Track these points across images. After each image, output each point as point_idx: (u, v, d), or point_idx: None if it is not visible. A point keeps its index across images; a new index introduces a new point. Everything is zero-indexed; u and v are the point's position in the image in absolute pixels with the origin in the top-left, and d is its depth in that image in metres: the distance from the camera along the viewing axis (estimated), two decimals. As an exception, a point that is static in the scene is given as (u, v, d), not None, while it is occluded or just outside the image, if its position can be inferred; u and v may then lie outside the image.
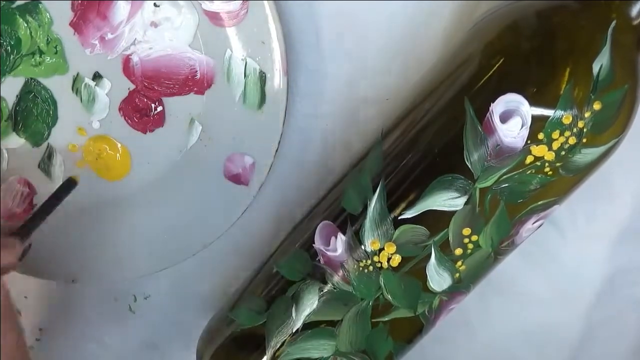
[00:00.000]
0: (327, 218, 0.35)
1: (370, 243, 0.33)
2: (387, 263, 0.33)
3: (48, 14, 0.37)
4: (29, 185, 0.40)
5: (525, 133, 0.30)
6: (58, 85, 0.38)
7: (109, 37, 0.37)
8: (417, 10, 0.37)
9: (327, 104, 0.39)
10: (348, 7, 0.37)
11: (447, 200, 0.32)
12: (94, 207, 0.40)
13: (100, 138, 0.39)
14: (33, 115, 0.38)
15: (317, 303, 0.34)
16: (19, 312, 0.44)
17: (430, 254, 0.32)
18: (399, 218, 0.32)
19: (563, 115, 0.30)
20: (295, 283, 0.35)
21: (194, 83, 0.38)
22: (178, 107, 0.38)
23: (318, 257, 0.34)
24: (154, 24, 0.37)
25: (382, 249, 0.33)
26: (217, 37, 0.37)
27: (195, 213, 0.39)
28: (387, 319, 0.34)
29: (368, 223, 0.33)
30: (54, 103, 0.38)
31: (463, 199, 0.31)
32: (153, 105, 0.38)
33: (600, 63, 0.29)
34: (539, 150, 0.30)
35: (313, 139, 0.40)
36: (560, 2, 0.31)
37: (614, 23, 0.30)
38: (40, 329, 0.44)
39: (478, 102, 0.31)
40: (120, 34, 0.37)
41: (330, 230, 0.34)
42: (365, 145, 0.36)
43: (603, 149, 0.31)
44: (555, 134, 0.30)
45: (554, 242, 0.40)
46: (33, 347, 0.45)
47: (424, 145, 0.33)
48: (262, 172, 0.38)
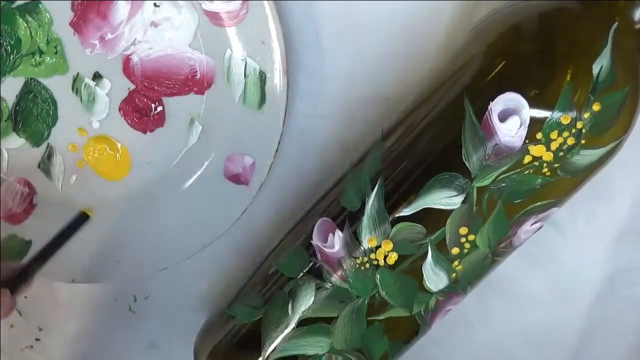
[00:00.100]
0: (326, 216, 0.35)
1: (368, 240, 0.33)
2: (383, 261, 0.33)
3: (48, 14, 0.37)
4: (29, 185, 0.40)
5: (524, 133, 0.30)
6: (58, 85, 0.38)
7: (109, 37, 0.37)
8: (417, 10, 0.37)
9: (327, 104, 0.39)
10: (348, 7, 0.37)
11: (444, 199, 0.32)
12: (94, 207, 0.40)
13: (100, 138, 0.39)
14: (33, 115, 0.38)
15: (313, 299, 0.34)
16: (19, 312, 0.44)
17: (427, 253, 0.32)
18: (397, 216, 0.32)
19: (561, 116, 0.30)
20: (293, 279, 0.35)
21: (194, 83, 0.38)
22: (178, 107, 0.38)
23: (316, 253, 0.34)
24: (154, 24, 0.37)
25: (379, 247, 0.33)
26: (217, 37, 0.37)
27: (195, 213, 0.39)
28: (382, 318, 0.34)
29: (365, 220, 0.33)
30: (54, 103, 0.38)
31: (460, 198, 0.31)
32: (153, 105, 0.38)
33: (601, 64, 0.29)
34: (537, 151, 0.30)
35: (313, 139, 0.40)
36: (563, 3, 0.31)
37: (616, 25, 0.30)
38: (40, 329, 0.44)
39: (478, 102, 0.31)
40: (120, 34, 0.37)
41: (329, 227, 0.34)
42: (365, 146, 0.36)
43: (603, 151, 0.31)
44: (554, 134, 0.30)
45: (554, 242, 0.40)
46: (33, 347, 0.45)
47: (423, 145, 0.33)
48: (262, 172, 0.38)
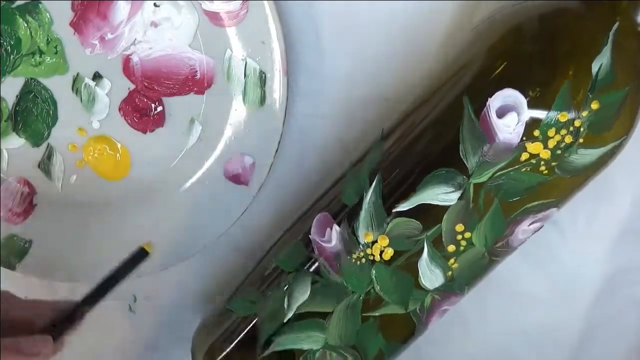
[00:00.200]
0: (326, 212, 0.35)
1: (364, 235, 0.33)
2: (379, 256, 0.33)
3: (48, 14, 0.37)
4: (29, 185, 0.40)
5: (521, 129, 0.30)
6: (58, 85, 0.38)
7: (109, 37, 0.37)
8: (417, 10, 0.37)
9: (327, 104, 0.39)
10: (348, 7, 0.37)
11: (440, 195, 0.32)
12: (94, 207, 0.40)
13: (100, 138, 0.39)
14: (33, 115, 0.38)
15: (308, 294, 0.34)
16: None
17: (423, 249, 0.32)
18: (394, 211, 0.32)
19: (559, 113, 0.30)
20: (290, 274, 0.35)
21: (194, 83, 0.38)
22: (178, 107, 0.38)
23: (313, 247, 0.34)
24: (154, 24, 0.37)
25: (375, 242, 0.33)
26: (217, 37, 0.37)
27: (195, 213, 0.39)
28: (377, 314, 0.34)
29: (363, 215, 0.33)
30: (54, 103, 0.38)
31: (457, 194, 0.31)
32: (153, 105, 0.38)
33: (600, 63, 0.29)
34: (535, 148, 0.30)
35: (313, 139, 0.40)
36: (564, 3, 0.31)
37: (617, 25, 0.30)
38: (40, 329, 0.44)
39: (478, 101, 0.31)
40: (120, 34, 0.37)
41: (327, 222, 0.34)
42: (365, 146, 0.36)
43: (602, 151, 0.31)
44: (551, 132, 0.30)
45: (554, 242, 0.40)
46: (33, 347, 0.45)
47: (422, 143, 0.33)
48: (262, 172, 0.38)
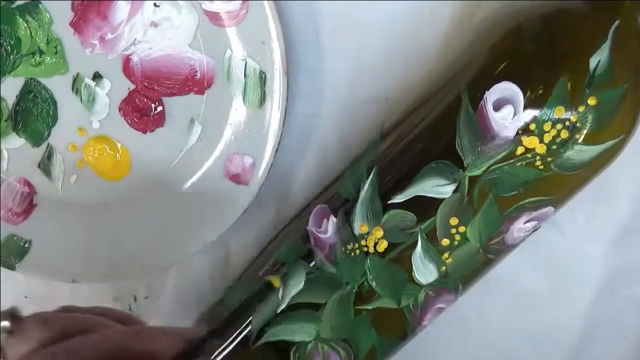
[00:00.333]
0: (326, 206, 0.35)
1: (359, 226, 0.33)
2: (373, 248, 0.33)
3: (48, 14, 0.37)
4: (29, 185, 0.40)
5: (518, 123, 0.30)
6: (58, 85, 0.38)
7: (109, 37, 0.37)
8: (417, 10, 0.37)
9: (327, 104, 0.39)
10: (348, 7, 0.37)
11: (435, 187, 0.32)
12: (94, 207, 0.40)
13: (100, 138, 0.39)
14: (33, 115, 0.38)
15: (303, 284, 0.34)
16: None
17: (417, 242, 0.32)
18: (389, 202, 0.32)
19: (556, 107, 0.30)
20: (285, 265, 0.35)
21: (194, 83, 0.38)
22: (178, 107, 0.38)
23: (310, 239, 0.34)
24: (154, 24, 0.37)
25: (369, 233, 0.33)
26: (217, 37, 0.37)
27: (195, 213, 0.39)
28: (370, 307, 0.34)
29: (359, 206, 0.33)
30: (54, 103, 0.38)
31: (452, 187, 0.31)
32: (153, 105, 0.38)
33: (598, 59, 0.29)
34: (530, 142, 0.30)
35: (313, 139, 0.40)
36: (565, 3, 0.31)
37: (617, 23, 0.30)
38: (40, 329, 0.44)
39: (477, 97, 0.31)
40: (120, 34, 0.37)
41: (324, 213, 0.34)
42: (365, 145, 0.36)
43: (599, 149, 0.31)
44: (547, 126, 0.30)
45: (554, 242, 0.40)
46: (33, 347, 0.45)
47: (421, 138, 0.33)
48: (262, 172, 0.38)
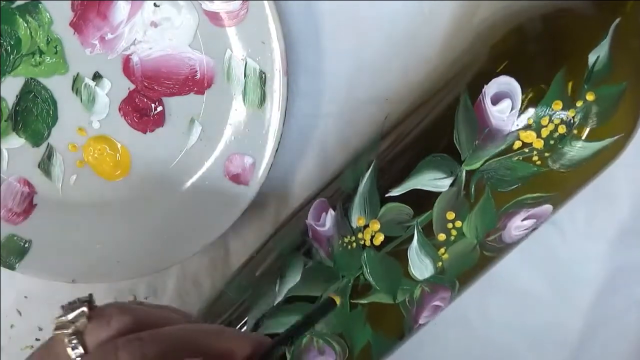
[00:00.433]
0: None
1: (357, 219, 0.33)
2: (370, 241, 0.33)
3: (48, 14, 0.37)
4: (29, 185, 0.40)
5: (515, 116, 0.30)
6: (58, 85, 0.38)
7: (109, 37, 0.37)
8: (417, 10, 0.37)
9: (327, 104, 0.39)
10: (348, 7, 0.37)
11: (432, 180, 0.32)
12: (94, 207, 0.40)
13: (100, 138, 0.39)
14: (33, 115, 0.38)
15: (299, 277, 0.34)
16: (19, 312, 0.44)
17: (413, 236, 0.32)
18: (386, 196, 0.32)
19: (553, 101, 0.30)
20: (283, 257, 0.35)
21: (194, 83, 0.38)
22: (178, 107, 0.38)
23: (308, 232, 0.34)
24: (154, 24, 0.37)
25: (366, 226, 0.33)
26: (217, 37, 0.37)
27: (195, 213, 0.39)
28: (365, 302, 0.34)
29: (357, 199, 0.33)
30: (54, 103, 0.38)
31: (449, 180, 0.31)
32: (153, 105, 0.38)
33: (598, 55, 0.29)
34: (527, 136, 0.30)
35: (313, 139, 0.40)
36: (566, 3, 0.31)
37: (618, 21, 0.30)
38: (40, 329, 0.44)
39: (476, 95, 0.31)
40: (120, 34, 0.37)
41: (324, 207, 0.34)
42: (365, 145, 0.36)
43: (598, 146, 0.31)
44: (545, 120, 0.30)
45: (554, 241, 0.40)
46: (33, 347, 0.45)
47: (421, 135, 0.33)
48: (262, 172, 0.38)
